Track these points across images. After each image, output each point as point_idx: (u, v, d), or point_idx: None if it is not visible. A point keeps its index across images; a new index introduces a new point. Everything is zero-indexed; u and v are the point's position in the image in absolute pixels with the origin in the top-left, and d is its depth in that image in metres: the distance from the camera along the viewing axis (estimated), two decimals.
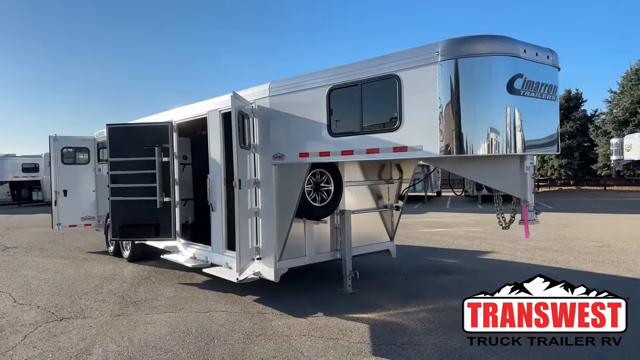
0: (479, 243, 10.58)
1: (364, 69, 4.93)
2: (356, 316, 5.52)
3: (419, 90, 4.46)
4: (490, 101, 4.27)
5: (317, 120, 5.41)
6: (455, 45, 4.27)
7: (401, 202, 7.29)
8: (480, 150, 4.34)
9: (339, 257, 6.73)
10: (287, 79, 5.88)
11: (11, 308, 6.29)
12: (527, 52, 4.39)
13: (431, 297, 6.22)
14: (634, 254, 8.78)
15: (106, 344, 4.88)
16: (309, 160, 5.57)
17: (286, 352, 4.53)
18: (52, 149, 11.28)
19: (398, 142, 4.62)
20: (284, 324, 5.33)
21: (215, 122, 6.99)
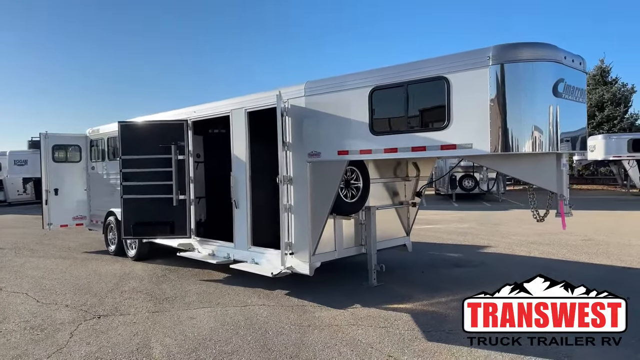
0: (472, 238, 11.08)
1: (409, 71, 5.20)
2: (393, 307, 5.78)
3: (469, 91, 4.76)
4: (537, 103, 4.64)
5: (358, 119, 5.63)
6: (506, 50, 4.61)
7: (418, 199, 7.60)
8: (525, 148, 4.69)
9: (363, 251, 6.97)
10: (324, 79, 6.08)
11: (38, 307, 6.18)
12: (566, 59, 4.79)
13: (454, 288, 6.55)
14: (620, 246, 9.46)
15: (161, 338, 4.94)
16: (348, 157, 5.78)
17: (344, 340, 4.74)
18: (43, 146, 10.99)
19: (446, 140, 4.92)
20: (328, 315, 5.53)
21: (240, 121, 7.09)
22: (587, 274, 7.24)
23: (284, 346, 4.64)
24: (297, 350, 4.53)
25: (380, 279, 6.85)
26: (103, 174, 10.76)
